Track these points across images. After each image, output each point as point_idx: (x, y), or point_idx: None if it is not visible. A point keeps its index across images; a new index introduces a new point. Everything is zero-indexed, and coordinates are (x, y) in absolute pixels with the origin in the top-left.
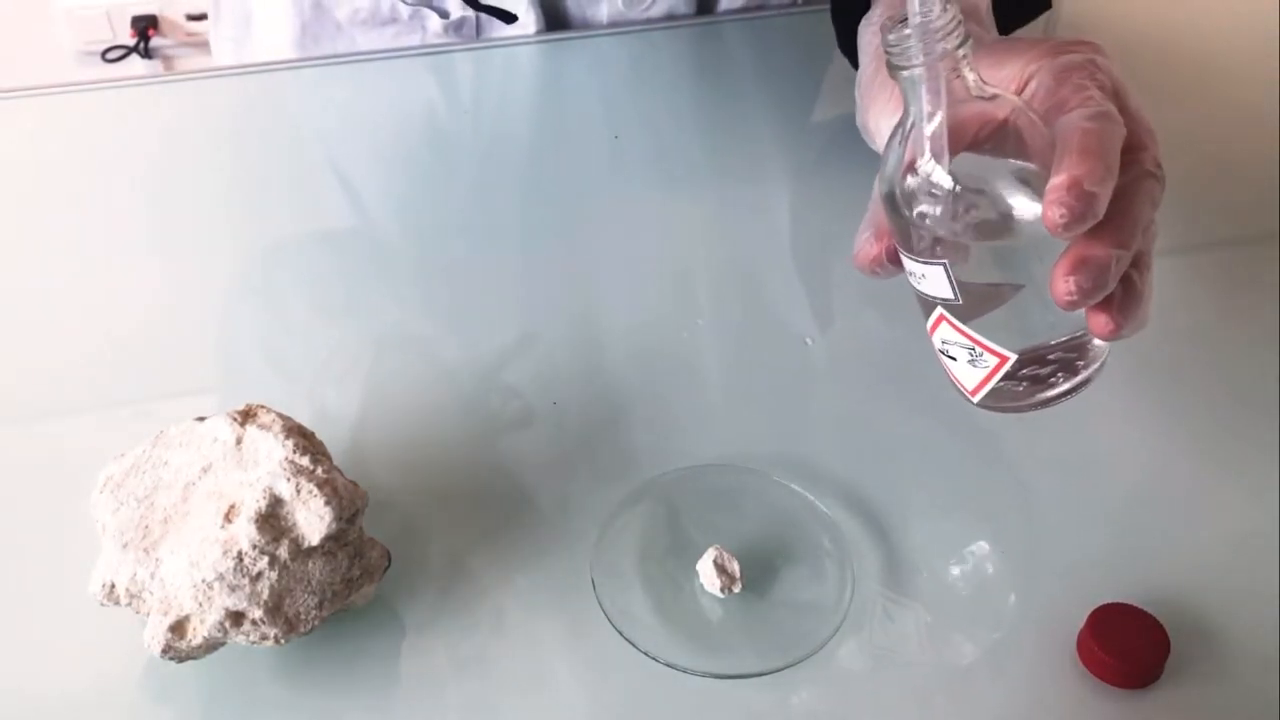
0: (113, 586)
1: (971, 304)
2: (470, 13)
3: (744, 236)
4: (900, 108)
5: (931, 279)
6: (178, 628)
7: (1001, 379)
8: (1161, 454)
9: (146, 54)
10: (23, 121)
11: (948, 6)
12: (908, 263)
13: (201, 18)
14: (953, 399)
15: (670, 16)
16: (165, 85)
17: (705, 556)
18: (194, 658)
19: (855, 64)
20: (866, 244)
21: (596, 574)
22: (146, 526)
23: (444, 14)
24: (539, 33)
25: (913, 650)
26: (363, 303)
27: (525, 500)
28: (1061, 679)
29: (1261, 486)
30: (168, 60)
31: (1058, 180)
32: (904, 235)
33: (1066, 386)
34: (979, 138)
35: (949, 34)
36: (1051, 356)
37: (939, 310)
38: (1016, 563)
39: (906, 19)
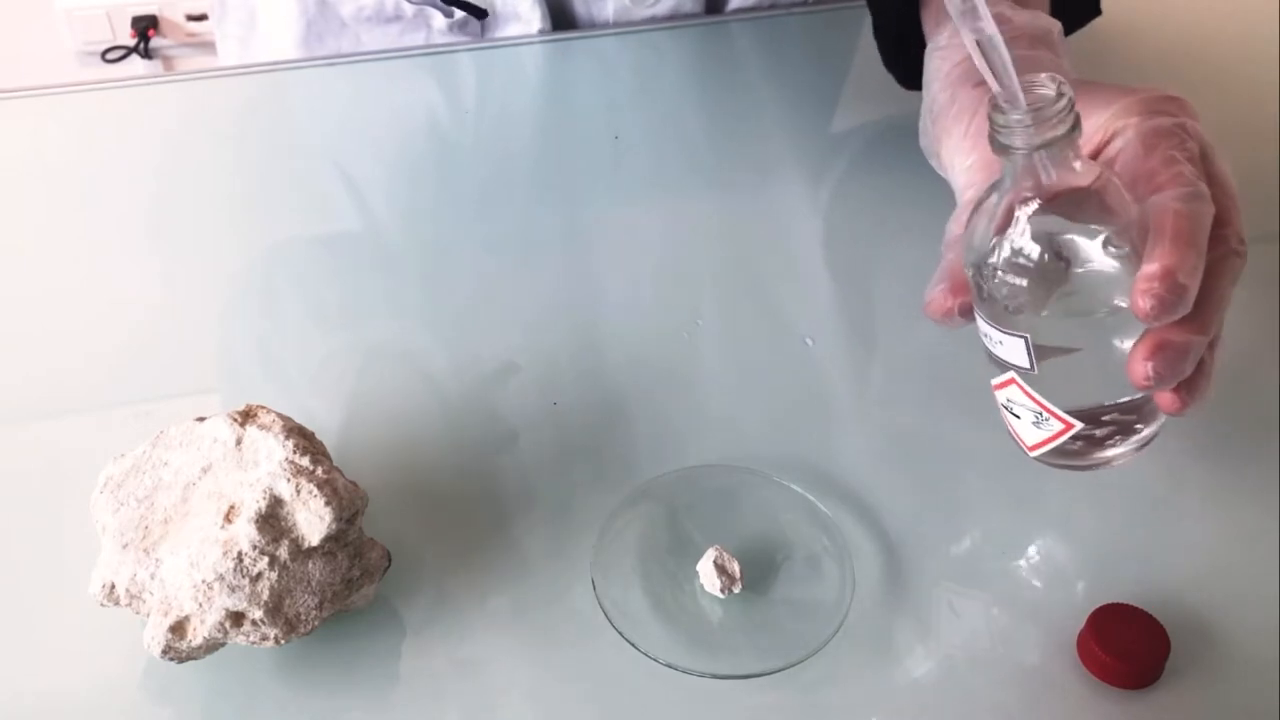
0: (113, 587)
1: (1045, 373)
2: None
3: (744, 237)
4: (980, 149)
5: (1010, 347)
6: (178, 628)
7: (1063, 441)
8: (1161, 454)
9: (147, 54)
10: (23, 121)
11: (1062, 91)
12: (985, 326)
13: (202, 18)
14: (953, 398)
15: (676, 14)
16: (165, 85)
17: (705, 557)
18: (194, 658)
19: (900, 79)
20: (942, 297)
21: (596, 574)
22: (146, 527)
23: (449, 13)
24: (544, 31)
25: (912, 650)
26: (364, 303)
27: (525, 500)
28: (1061, 679)
29: (1261, 486)
30: (168, 60)
31: (1151, 269)
32: (986, 303)
33: (1123, 449)
34: (1061, 201)
35: (1062, 120)
36: (1107, 418)
37: (1011, 374)
38: (1017, 563)
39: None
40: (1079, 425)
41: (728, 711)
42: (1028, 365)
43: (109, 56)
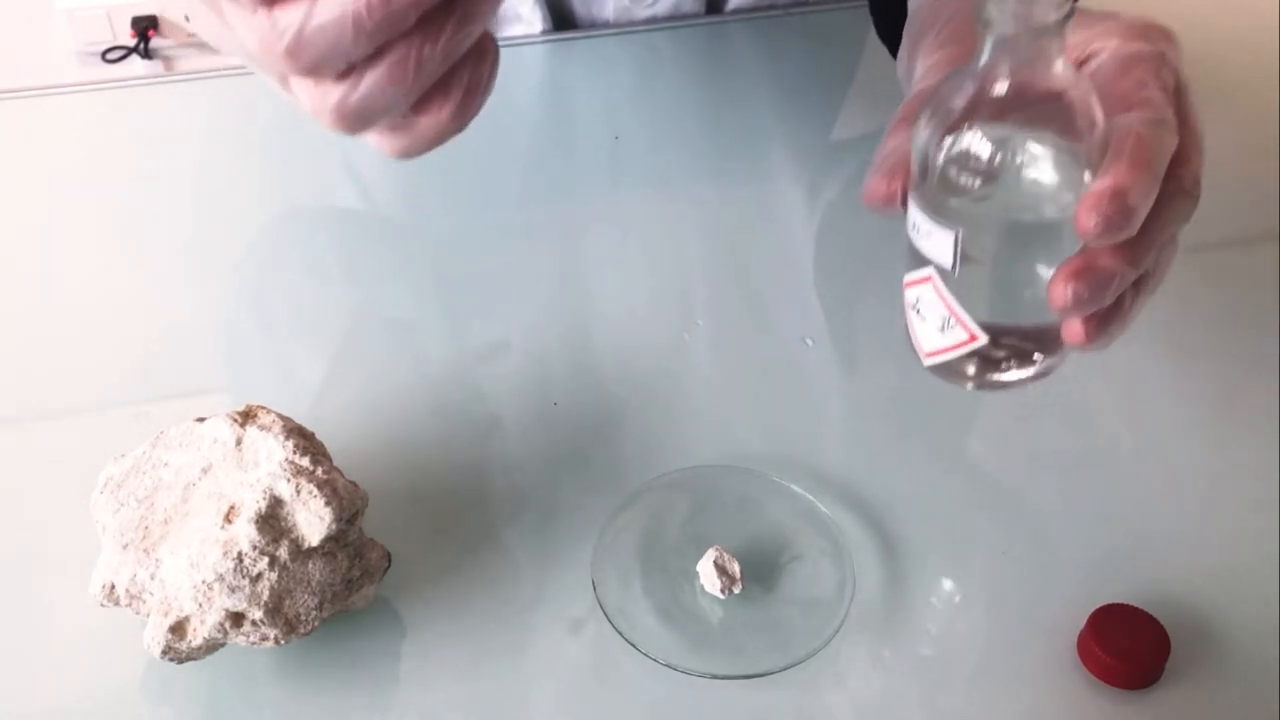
0: (113, 587)
1: (963, 279)
2: None
3: (744, 237)
4: (948, 47)
5: (937, 240)
6: (178, 628)
7: (962, 354)
8: (1161, 454)
9: (147, 54)
10: (23, 122)
11: None
12: (916, 214)
13: None
14: (954, 397)
15: (676, 14)
16: (165, 85)
17: (705, 557)
18: (194, 659)
19: (894, 51)
20: (879, 182)
21: (596, 574)
22: (146, 527)
23: None
24: (545, 31)
25: (913, 651)
26: (363, 303)
27: (525, 501)
28: (1062, 679)
29: (1261, 487)
30: (168, 61)
31: (1102, 186)
32: (925, 188)
33: (1015, 376)
34: (1031, 97)
35: (1057, 6)
36: (1010, 341)
37: (929, 270)
38: (1017, 563)
39: None
40: (983, 339)
41: (728, 711)
42: (949, 264)
43: (109, 56)
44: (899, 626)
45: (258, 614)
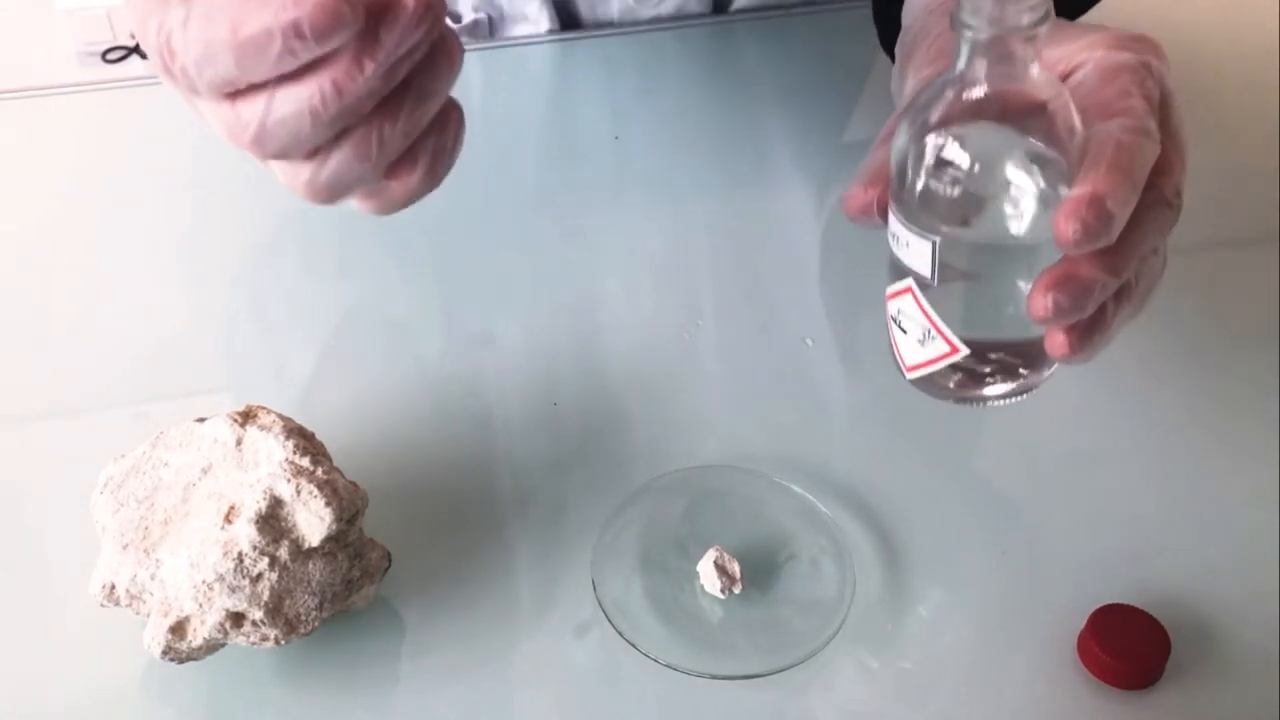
0: (113, 588)
1: (943, 292)
2: (484, 14)
3: (746, 237)
4: (938, 63)
5: (915, 250)
6: (178, 629)
7: (943, 367)
8: (1161, 454)
9: (146, 55)
10: (23, 122)
11: None
12: (895, 224)
13: None
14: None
15: (681, 14)
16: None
17: (706, 557)
18: (194, 659)
19: (894, 58)
20: (858, 191)
21: (596, 574)
22: (146, 527)
23: (456, 18)
24: (550, 31)
25: (913, 651)
26: (364, 303)
27: (526, 501)
28: (1062, 679)
29: (1261, 486)
30: None
31: (1081, 193)
32: (902, 196)
33: (999, 391)
34: (1009, 108)
35: (1034, 7)
36: (994, 356)
37: (909, 281)
38: (1017, 563)
39: None
40: (964, 351)
41: (728, 711)
42: (928, 274)
43: (109, 56)
44: (899, 626)
45: (258, 614)
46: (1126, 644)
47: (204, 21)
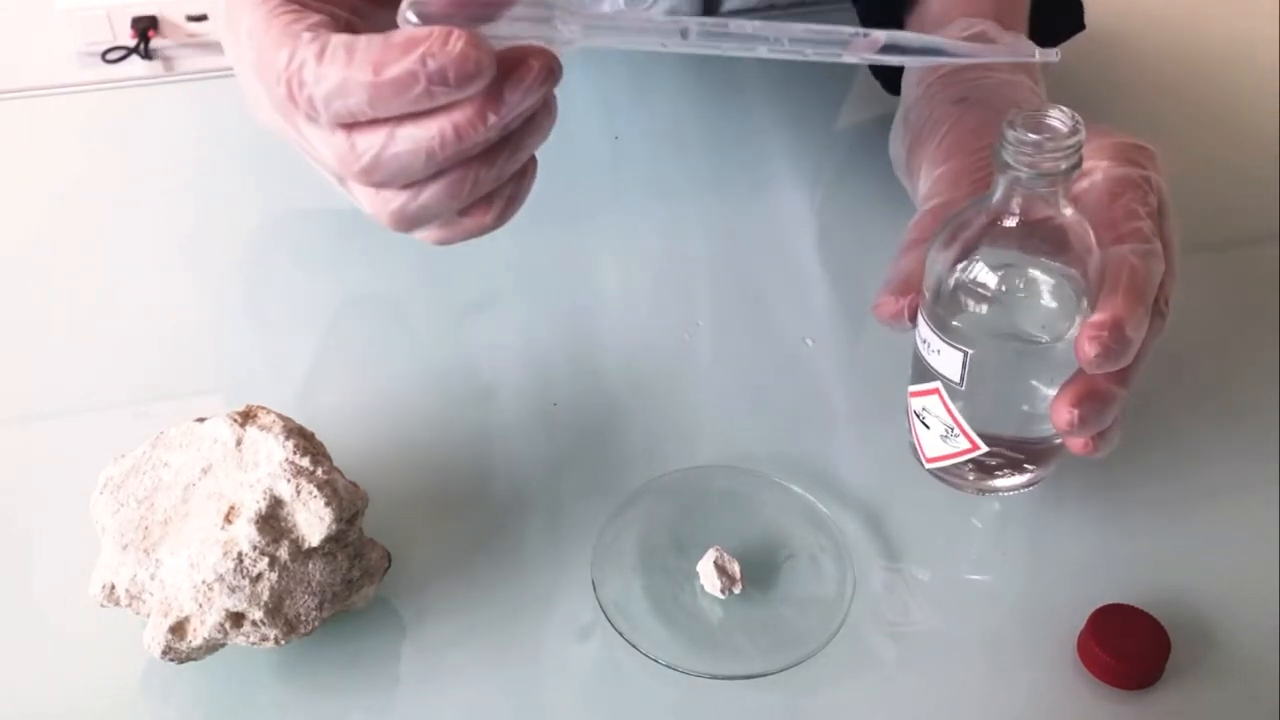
0: (113, 588)
1: (968, 393)
2: None
3: (743, 237)
4: (951, 161)
5: (946, 358)
6: (178, 629)
7: (961, 461)
8: (1161, 454)
9: (147, 55)
10: (23, 122)
11: (1078, 127)
12: (928, 332)
13: (202, 19)
14: None
15: (673, 14)
16: (165, 86)
17: (705, 557)
18: (194, 659)
19: (885, 85)
20: (889, 301)
21: (596, 574)
22: (146, 528)
23: None
24: None
25: (913, 651)
26: (363, 304)
27: (526, 501)
28: (1062, 680)
29: (1261, 487)
30: (168, 61)
31: (1102, 318)
32: (938, 311)
33: (1009, 483)
34: (1037, 235)
35: (1069, 155)
36: (1006, 451)
37: (937, 384)
38: (1017, 563)
39: (1028, 116)
40: (983, 448)
41: (728, 712)
42: (958, 380)
43: (109, 57)
44: (899, 626)
45: (258, 614)
46: (1126, 644)
47: (342, 58)
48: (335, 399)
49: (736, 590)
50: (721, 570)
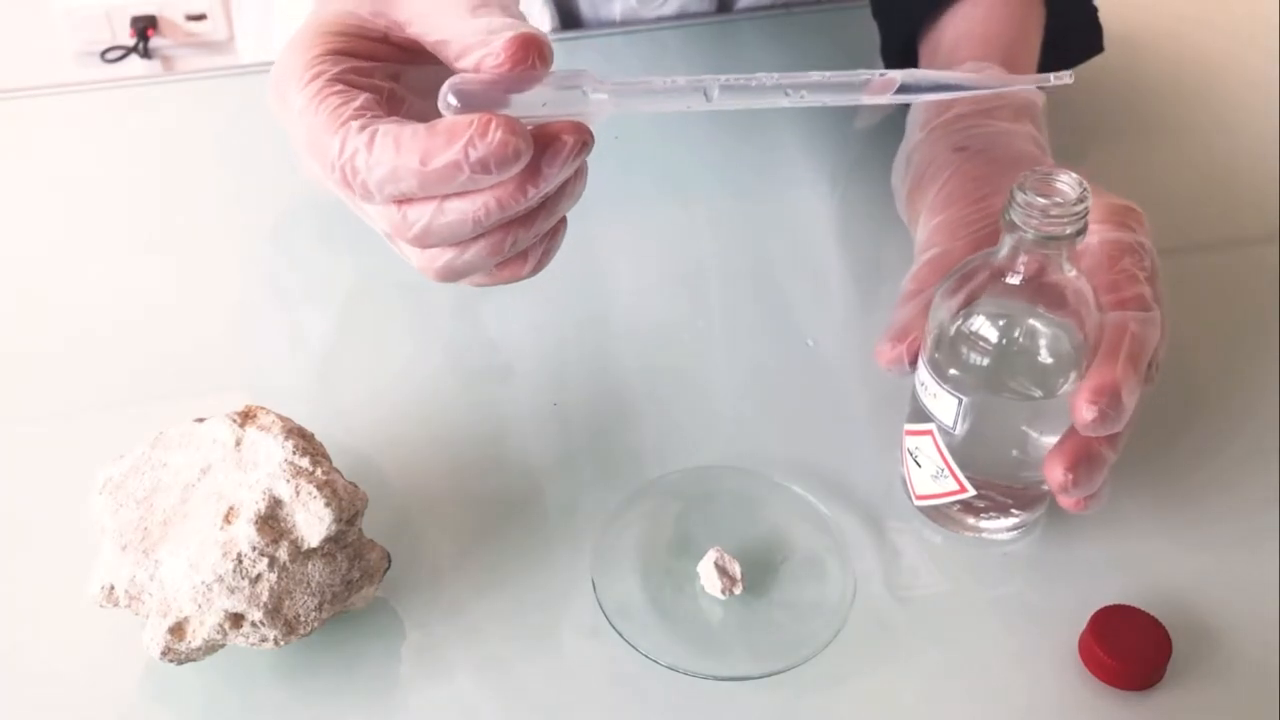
0: (112, 588)
1: (961, 437)
2: None
3: (748, 237)
4: (949, 211)
5: (942, 403)
6: (177, 630)
7: (949, 502)
8: (1162, 455)
9: (146, 54)
10: (22, 121)
11: (1084, 196)
12: (927, 377)
13: (201, 18)
14: None
15: (684, 14)
16: (165, 85)
17: (706, 558)
18: (193, 660)
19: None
20: (887, 349)
21: (596, 574)
22: (145, 528)
23: None
24: (552, 31)
25: (913, 652)
26: (363, 303)
27: (526, 501)
28: (1063, 680)
29: (1261, 486)
30: (167, 60)
31: (1099, 383)
32: (937, 359)
33: (994, 526)
34: (1038, 292)
35: (1075, 221)
36: (995, 495)
37: (931, 426)
38: (1017, 563)
39: (1038, 178)
40: (971, 491)
41: (728, 713)
42: (952, 425)
43: (108, 56)
44: (899, 627)
45: (257, 615)
46: (1128, 645)
47: (391, 147)
48: (335, 399)
49: (737, 591)
50: (722, 571)
